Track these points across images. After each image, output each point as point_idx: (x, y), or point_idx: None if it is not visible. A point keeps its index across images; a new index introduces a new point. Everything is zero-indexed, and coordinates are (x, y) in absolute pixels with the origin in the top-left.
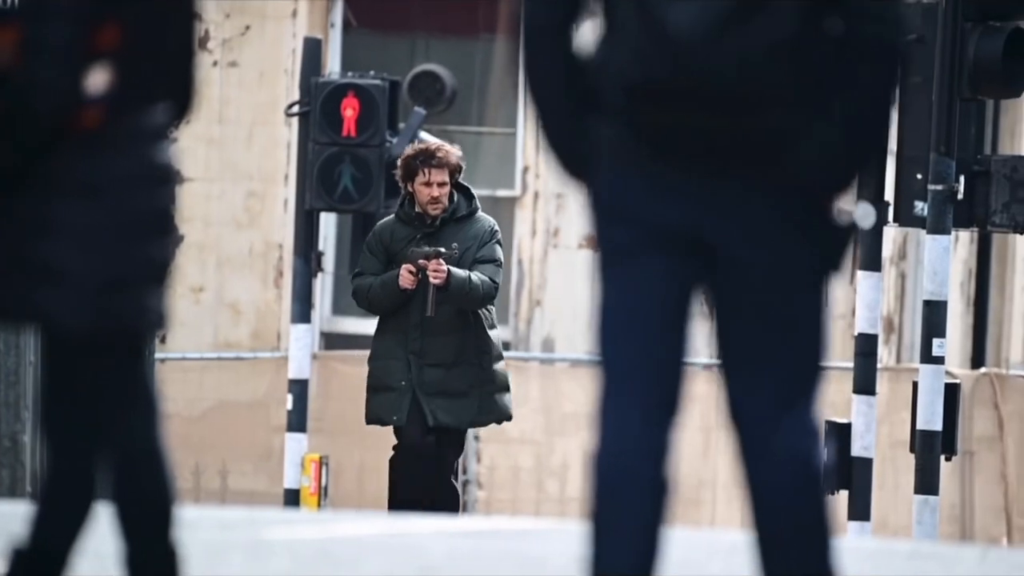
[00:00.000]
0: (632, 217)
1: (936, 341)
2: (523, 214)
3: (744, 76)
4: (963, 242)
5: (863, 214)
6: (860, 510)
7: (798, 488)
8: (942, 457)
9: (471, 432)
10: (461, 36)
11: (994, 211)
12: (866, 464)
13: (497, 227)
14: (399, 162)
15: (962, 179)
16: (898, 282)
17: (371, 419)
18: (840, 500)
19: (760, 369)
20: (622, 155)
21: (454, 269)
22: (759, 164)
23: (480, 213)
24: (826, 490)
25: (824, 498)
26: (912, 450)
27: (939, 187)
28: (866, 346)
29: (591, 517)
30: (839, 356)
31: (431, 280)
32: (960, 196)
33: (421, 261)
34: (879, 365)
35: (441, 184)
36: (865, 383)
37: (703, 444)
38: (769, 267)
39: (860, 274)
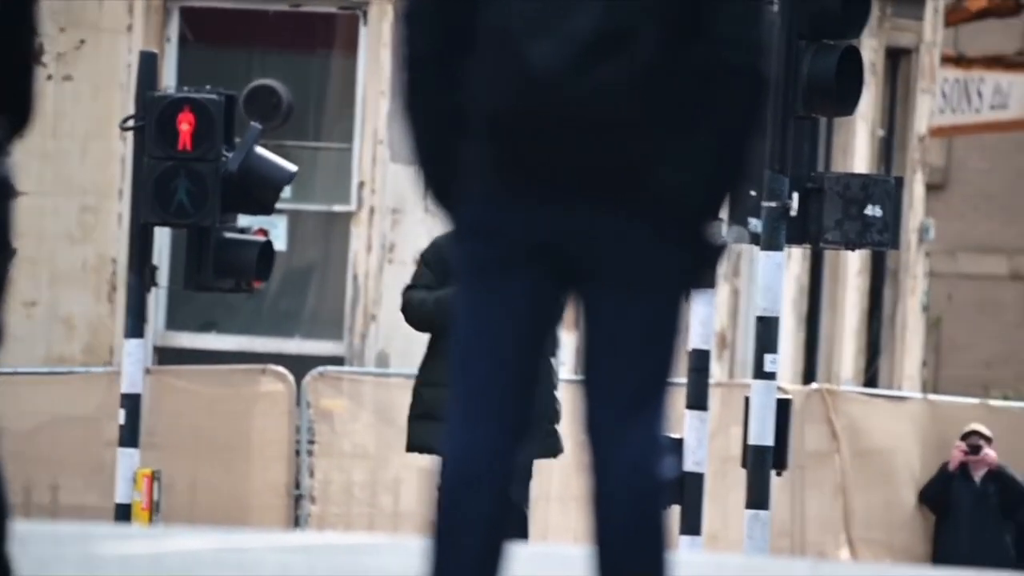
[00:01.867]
0: (496, 235)
1: (768, 357)
2: (358, 229)
3: (604, 106)
4: (796, 259)
5: (735, 235)
6: (691, 524)
7: (639, 500)
8: (773, 472)
9: (306, 446)
10: (297, 51)
11: (827, 228)
12: (697, 479)
13: None
14: None
15: (795, 196)
16: (731, 298)
17: (416, 446)
18: (672, 514)
19: (614, 381)
20: (488, 178)
21: None
22: (622, 187)
23: None
24: (666, 504)
25: (664, 512)
26: (744, 465)
27: (773, 204)
28: (699, 362)
29: (433, 532)
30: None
31: None
32: (793, 213)
33: None
34: (711, 380)
35: None
36: (697, 398)
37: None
38: (633, 282)
39: None
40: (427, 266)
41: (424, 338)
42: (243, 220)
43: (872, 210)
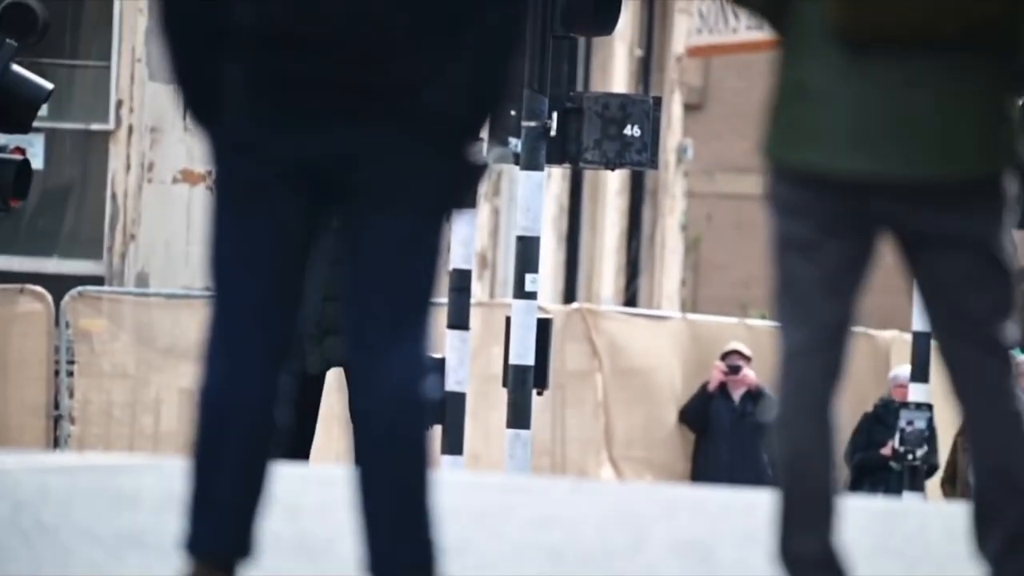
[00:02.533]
0: (256, 153)
1: (529, 276)
2: (117, 148)
3: (368, 22)
4: (556, 178)
5: (496, 155)
6: (453, 444)
7: (402, 419)
8: (534, 391)
9: (65, 367)
10: None
11: (586, 148)
12: (459, 399)
13: None
14: None
15: (555, 116)
16: (492, 218)
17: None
18: (434, 434)
19: (375, 299)
20: (251, 97)
21: None
22: (384, 106)
23: None
24: (429, 423)
25: (426, 431)
26: (504, 384)
27: (532, 123)
28: (460, 281)
29: (194, 454)
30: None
31: None
32: (553, 133)
33: None
34: (472, 300)
35: None
36: (458, 318)
37: None
38: (394, 201)
39: None
40: None
41: (178, 256)
42: None
43: (631, 130)
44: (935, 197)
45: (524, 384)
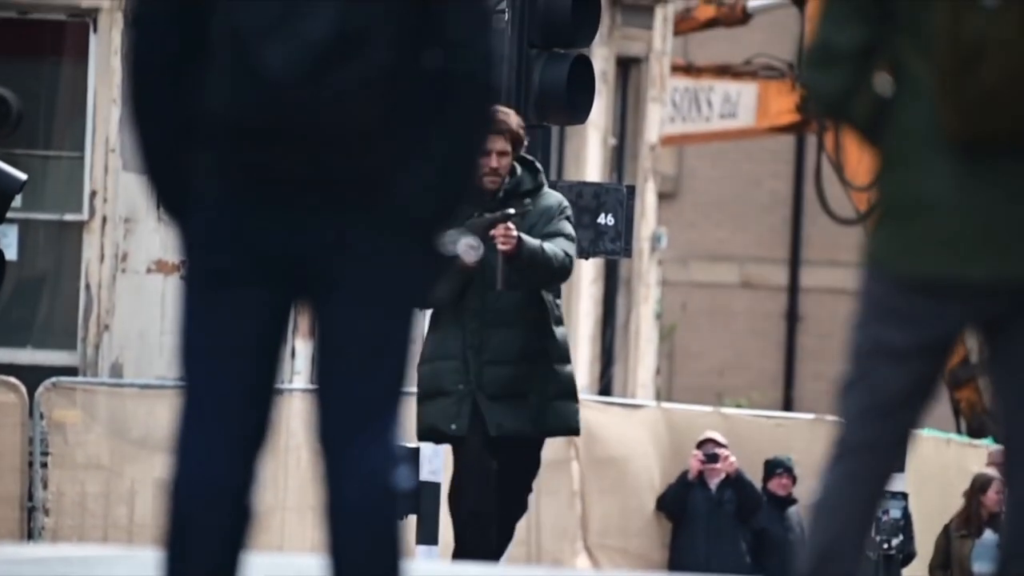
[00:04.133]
0: (229, 245)
1: None
2: (91, 238)
3: (339, 114)
4: None
5: (466, 247)
6: (428, 534)
7: (374, 511)
8: None
9: (39, 458)
10: (27, 59)
11: None
12: (434, 488)
13: (567, 204)
14: None
15: None
16: None
17: (423, 431)
18: (408, 524)
19: (347, 390)
20: (220, 187)
21: (524, 235)
22: (355, 197)
23: (547, 189)
24: (402, 514)
25: (399, 522)
26: None
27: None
28: None
29: (167, 543)
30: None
31: (499, 247)
32: None
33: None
34: None
35: (501, 153)
36: None
37: (273, 468)
38: (364, 294)
39: None
40: None
41: (152, 345)
42: None
43: (605, 218)
44: None
45: None
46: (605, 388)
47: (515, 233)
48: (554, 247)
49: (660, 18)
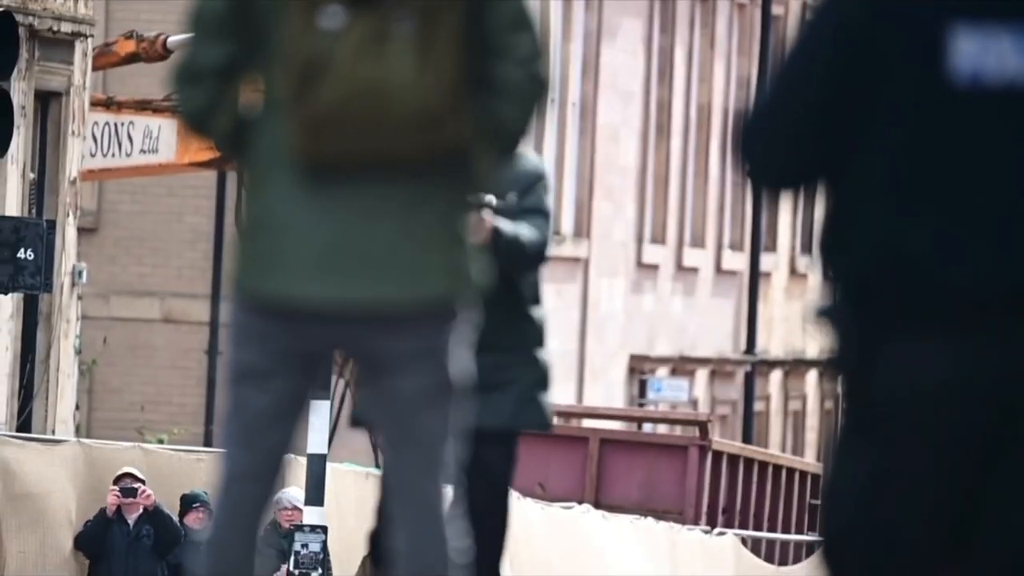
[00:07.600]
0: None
1: None
2: None
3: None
4: None
5: None
6: None
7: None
8: None
9: None
10: None
11: None
12: None
13: (544, 169)
14: None
15: None
16: None
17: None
18: None
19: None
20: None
21: (502, 223)
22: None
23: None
24: None
25: None
26: None
27: None
28: None
29: None
30: None
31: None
32: None
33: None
34: None
35: None
36: None
37: None
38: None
39: None
40: None
41: None
42: None
43: (25, 253)
44: (397, 322)
45: None
46: (24, 424)
47: (489, 223)
48: (529, 231)
49: (80, 52)
